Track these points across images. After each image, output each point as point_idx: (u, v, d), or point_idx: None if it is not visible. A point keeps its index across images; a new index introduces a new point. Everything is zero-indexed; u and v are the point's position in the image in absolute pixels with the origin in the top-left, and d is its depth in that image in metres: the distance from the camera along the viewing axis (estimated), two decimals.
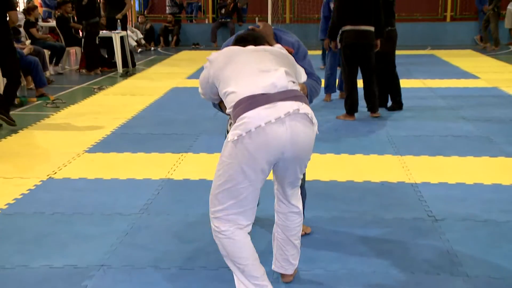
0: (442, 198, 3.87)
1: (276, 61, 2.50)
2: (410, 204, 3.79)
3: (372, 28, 6.11)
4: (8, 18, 6.07)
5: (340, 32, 6.22)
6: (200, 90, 2.72)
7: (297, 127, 2.33)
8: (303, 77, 2.72)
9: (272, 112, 2.29)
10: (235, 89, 2.40)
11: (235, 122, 2.35)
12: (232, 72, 2.46)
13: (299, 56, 2.99)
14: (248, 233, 2.47)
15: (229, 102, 2.41)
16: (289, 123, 2.31)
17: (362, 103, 6.96)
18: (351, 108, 6.28)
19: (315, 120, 2.43)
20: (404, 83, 7.66)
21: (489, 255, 3.04)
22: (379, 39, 6.24)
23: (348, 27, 6.12)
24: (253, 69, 2.44)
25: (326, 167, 4.56)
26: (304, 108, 2.37)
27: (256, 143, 2.29)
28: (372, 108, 6.40)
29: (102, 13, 10.91)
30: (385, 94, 6.78)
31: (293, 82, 2.47)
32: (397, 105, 6.71)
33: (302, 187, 3.15)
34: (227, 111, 2.44)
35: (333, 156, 4.88)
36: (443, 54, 12.27)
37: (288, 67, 2.53)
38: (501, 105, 6.96)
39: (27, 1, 13.93)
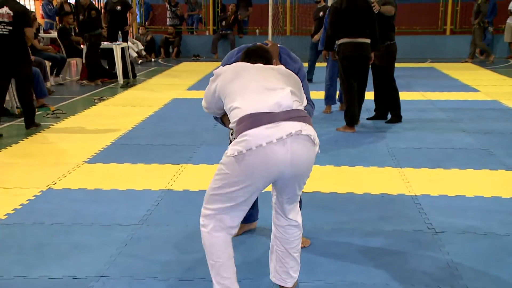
0: (442, 211, 3.87)
1: (283, 80, 2.53)
2: (410, 216, 3.78)
3: (368, 41, 6.17)
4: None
5: (336, 44, 6.27)
6: (204, 103, 2.73)
7: (298, 148, 2.36)
8: (305, 100, 2.73)
9: (274, 132, 2.31)
10: (239, 105, 2.42)
11: (237, 137, 2.37)
12: (238, 87, 2.49)
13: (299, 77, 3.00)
14: (232, 236, 2.54)
15: (233, 117, 2.43)
16: (291, 144, 2.33)
17: (363, 115, 6.98)
18: (351, 120, 6.29)
19: (317, 141, 2.45)
20: (404, 95, 7.68)
21: (489, 268, 3.03)
22: (374, 52, 6.31)
23: (345, 40, 6.17)
24: (259, 86, 2.46)
25: (326, 179, 4.56)
26: (307, 129, 2.39)
27: (256, 161, 2.32)
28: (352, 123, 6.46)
29: (103, 24, 10.95)
30: (384, 107, 6.80)
31: (298, 102, 2.50)
32: (397, 118, 6.72)
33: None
34: (231, 125, 2.46)
35: (333, 168, 4.88)
36: (443, 67, 12.31)
37: (294, 87, 2.55)
38: (501, 118, 6.97)
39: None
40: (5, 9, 6.16)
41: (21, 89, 6.50)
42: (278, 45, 3.10)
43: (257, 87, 2.46)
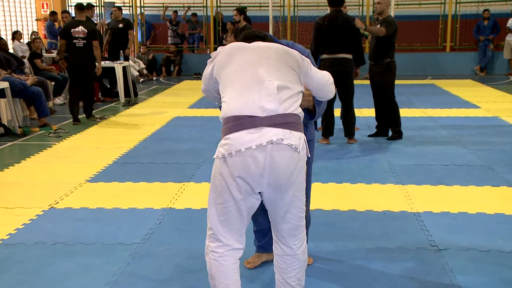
0: (444, 228, 3.86)
1: (276, 65, 2.45)
2: (412, 234, 3.77)
3: (349, 56, 6.28)
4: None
5: (318, 60, 6.40)
6: (202, 87, 2.70)
7: (277, 156, 2.31)
8: (316, 78, 2.64)
9: (255, 138, 2.30)
10: (227, 100, 2.42)
11: (222, 137, 2.39)
12: (230, 75, 2.46)
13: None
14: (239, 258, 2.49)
15: (221, 112, 2.44)
16: (270, 151, 2.30)
17: (364, 132, 7.00)
18: (325, 131, 6.53)
19: (300, 148, 2.38)
20: (405, 112, 7.70)
21: (493, 285, 3.02)
22: (359, 68, 6.54)
23: (325, 56, 6.34)
24: (249, 76, 2.41)
25: (328, 196, 4.56)
26: (290, 137, 2.33)
27: (236, 165, 2.32)
28: (349, 134, 6.60)
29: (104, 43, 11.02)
30: (385, 123, 6.82)
31: (288, 100, 2.38)
32: (397, 135, 6.73)
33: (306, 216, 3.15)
34: (220, 117, 2.46)
35: (335, 185, 4.88)
36: (444, 84, 12.35)
37: (286, 72, 2.45)
38: (502, 134, 6.98)
39: (31, 33, 14.11)
40: (81, 28, 8.11)
41: (87, 86, 8.30)
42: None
43: (246, 77, 2.41)
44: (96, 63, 8.59)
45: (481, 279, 3.09)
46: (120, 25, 10.84)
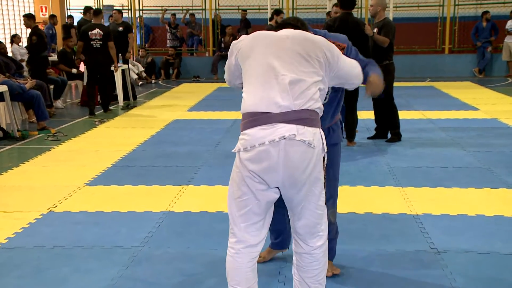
0: (444, 230, 3.86)
1: (291, 56, 2.43)
2: (412, 236, 3.77)
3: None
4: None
5: None
6: (226, 77, 2.75)
7: (291, 151, 2.34)
8: (347, 67, 2.64)
9: (269, 133, 2.34)
10: (245, 95, 2.47)
11: (241, 132, 2.43)
12: (248, 67, 2.48)
13: (350, 52, 2.92)
14: (255, 257, 2.52)
15: (241, 106, 2.47)
16: (284, 146, 2.34)
17: (363, 134, 6.99)
18: None
19: (315, 143, 2.39)
20: (404, 114, 7.70)
21: (492, 287, 3.02)
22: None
23: None
24: (263, 72, 2.41)
25: None
26: (303, 133, 2.35)
27: (251, 160, 2.37)
28: (349, 136, 6.55)
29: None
30: (384, 126, 6.82)
31: (303, 92, 2.37)
32: (396, 137, 6.74)
33: (333, 223, 3.15)
34: (240, 111, 2.49)
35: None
36: (442, 86, 12.36)
37: (303, 61, 2.42)
38: (501, 136, 6.98)
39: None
40: (97, 30, 9.04)
41: (103, 83, 9.22)
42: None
43: (262, 71, 2.42)
44: (113, 63, 9.49)
45: (480, 282, 3.09)
46: (120, 28, 10.84)
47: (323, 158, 2.49)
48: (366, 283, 3.10)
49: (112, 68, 9.50)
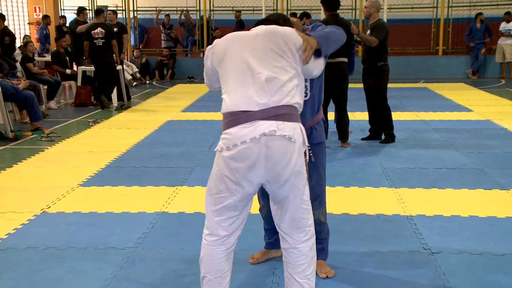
0: (437, 231, 3.87)
1: (264, 53, 2.47)
2: (405, 237, 3.77)
3: (344, 59, 6.24)
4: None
5: None
6: (206, 81, 2.77)
7: (272, 146, 2.38)
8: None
9: (249, 131, 2.38)
10: (225, 96, 2.51)
11: (223, 132, 2.47)
12: (226, 68, 2.52)
13: (316, 28, 2.90)
14: (229, 249, 2.59)
15: (222, 106, 2.51)
16: (265, 142, 2.38)
17: (357, 135, 7.01)
18: None
19: (295, 138, 2.42)
20: (397, 115, 7.72)
21: None
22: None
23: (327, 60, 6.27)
24: (241, 71, 2.46)
25: None
26: (282, 128, 2.39)
27: (234, 158, 2.41)
28: (342, 137, 6.57)
29: None
30: (378, 127, 6.83)
31: (280, 89, 2.41)
32: (390, 138, 6.75)
33: (323, 223, 3.15)
34: (221, 112, 2.53)
35: (328, 189, 4.83)
36: (436, 87, 12.40)
37: (275, 56, 2.46)
38: (494, 137, 7.00)
39: (24, 37, 14.06)
40: (99, 29, 9.50)
41: (105, 79, 9.65)
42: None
43: (239, 71, 2.46)
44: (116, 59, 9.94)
45: (473, 282, 3.10)
46: (115, 29, 10.82)
47: (305, 152, 2.53)
48: (360, 283, 3.10)
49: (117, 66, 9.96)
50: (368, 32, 6.56)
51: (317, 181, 3.11)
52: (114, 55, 9.83)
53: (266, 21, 2.74)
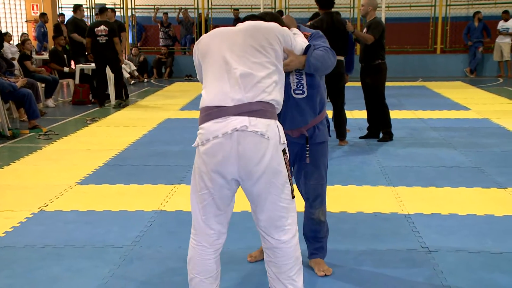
0: (435, 229, 3.87)
1: (242, 49, 2.46)
2: (403, 235, 3.78)
3: (340, 58, 6.19)
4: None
5: None
6: (198, 77, 2.76)
7: (244, 142, 2.36)
8: (298, 48, 2.72)
9: (221, 127, 2.37)
10: (203, 92, 2.53)
11: (199, 126, 2.48)
12: (206, 65, 2.54)
13: (314, 37, 2.94)
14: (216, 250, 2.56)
15: (200, 102, 2.53)
16: (237, 138, 2.36)
17: (355, 134, 7.01)
18: None
19: (269, 134, 2.39)
20: (395, 114, 7.72)
21: (483, 287, 3.03)
22: (347, 75, 6.53)
23: None
24: (218, 67, 2.47)
25: None
26: (255, 124, 2.37)
27: (206, 154, 2.41)
28: (340, 135, 6.54)
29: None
30: (376, 125, 6.83)
31: (255, 85, 2.40)
32: (388, 136, 6.75)
33: (323, 222, 3.15)
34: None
35: (326, 187, 4.87)
36: (434, 86, 12.40)
37: (253, 53, 2.46)
38: (492, 136, 7.01)
39: (21, 35, 14.04)
40: (102, 27, 9.62)
41: (116, 76, 9.88)
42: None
43: (217, 67, 2.47)
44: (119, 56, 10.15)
45: (471, 281, 3.10)
46: None
47: (284, 150, 2.47)
48: (358, 282, 3.10)
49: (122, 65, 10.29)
50: (365, 30, 6.56)
51: (318, 180, 3.11)
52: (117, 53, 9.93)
53: (253, 17, 2.73)
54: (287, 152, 2.51)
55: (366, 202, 4.49)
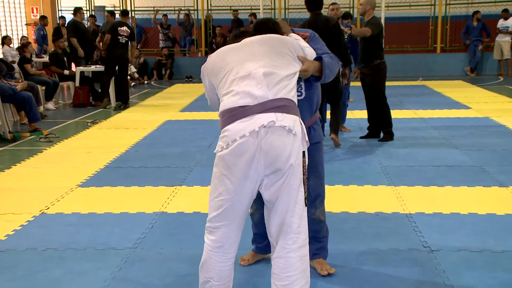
0: (437, 228, 3.87)
1: (260, 54, 2.49)
2: (405, 235, 3.77)
3: None
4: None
5: None
6: (209, 102, 2.78)
7: (271, 139, 2.33)
8: (309, 55, 2.75)
9: (248, 125, 2.33)
10: (223, 98, 2.48)
11: (221, 132, 2.43)
12: (222, 78, 2.53)
13: (314, 40, 2.98)
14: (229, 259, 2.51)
15: (220, 107, 2.49)
16: (264, 135, 2.33)
17: (356, 134, 7.00)
18: None
19: (296, 130, 2.38)
20: (396, 113, 7.71)
21: (486, 286, 3.03)
22: (347, 68, 6.58)
23: None
24: (238, 75, 2.46)
25: None
26: (283, 119, 2.35)
27: (232, 155, 2.35)
28: (333, 130, 6.41)
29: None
30: (379, 125, 6.82)
31: (278, 83, 2.42)
32: (389, 136, 6.74)
33: (323, 221, 3.15)
34: (218, 115, 2.51)
35: (327, 187, 4.82)
36: (434, 85, 12.40)
37: (273, 56, 2.50)
38: (492, 134, 7.01)
39: (21, 38, 14.05)
40: (125, 28, 9.95)
41: (121, 76, 10.01)
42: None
43: (238, 75, 2.46)
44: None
45: (473, 280, 3.09)
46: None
47: (304, 153, 2.43)
48: (359, 282, 3.10)
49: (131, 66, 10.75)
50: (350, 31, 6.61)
51: (317, 180, 3.11)
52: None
53: (245, 33, 2.74)
54: (306, 155, 2.46)
55: (367, 202, 4.49)
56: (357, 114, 8.40)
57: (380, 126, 6.80)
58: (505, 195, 4.61)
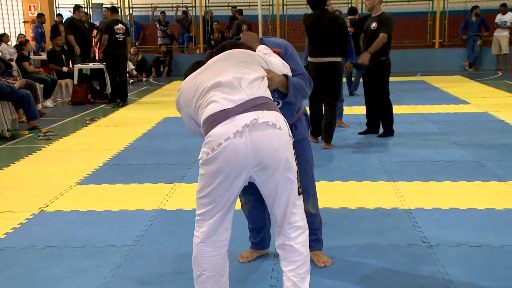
0: (436, 224, 3.87)
1: (226, 66, 2.52)
2: (404, 230, 3.77)
3: (336, 59, 6.03)
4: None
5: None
6: (189, 130, 2.80)
7: (257, 136, 2.35)
8: (285, 71, 2.76)
9: (231, 127, 2.34)
10: (202, 111, 2.50)
11: (204, 139, 2.45)
12: (199, 99, 2.53)
13: (288, 57, 2.95)
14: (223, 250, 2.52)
15: (201, 120, 2.50)
16: (249, 133, 2.34)
17: (355, 129, 7.00)
18: (314, 130, 6.36)
19: (280, 125, 2.40)
20: (395, 109, 7.69)
21: (485, 280, 3.03)
22: (350, 62, 6.71)
23: (310, 59, 6.13)
24: (212, 89, 2.48)
25: (319, 195, 4.50)
26: (264, 116, 2.37)
27: (220, 159, 2.36)
28: (326, 137, 6.20)
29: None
30: (378, 121, 6.82)
31: (250, 84, 2.45)
32: (389, 132, 6.74)
33: (315, 214, 3.15)
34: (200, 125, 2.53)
35: (326, 184, 4.88)
36: (433, 80, 12.40)
37: (238, 66, 2.53)
38: (491, 129, 7.01)
39: (18, 36, 14.02)
40: (120, 25, 9.88)
41: (120, 74, 9.97)
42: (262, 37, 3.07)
43: (212, 89, 2.48)
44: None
45: (472, 274, 3.10)
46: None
47: (293, 144, 2.51)
48: (359, 277, 3.10)
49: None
50: (374, 25, 6.47)
51: (302, 176, 3.09)
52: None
53: (219, 50, 2.73)
54: (293, 147, 2.53)
55: (366, 197, 4.49)
56: (355, 110, 8.40)
57: (381, 122, 6.79)
58: (504, 190, 4.61)
